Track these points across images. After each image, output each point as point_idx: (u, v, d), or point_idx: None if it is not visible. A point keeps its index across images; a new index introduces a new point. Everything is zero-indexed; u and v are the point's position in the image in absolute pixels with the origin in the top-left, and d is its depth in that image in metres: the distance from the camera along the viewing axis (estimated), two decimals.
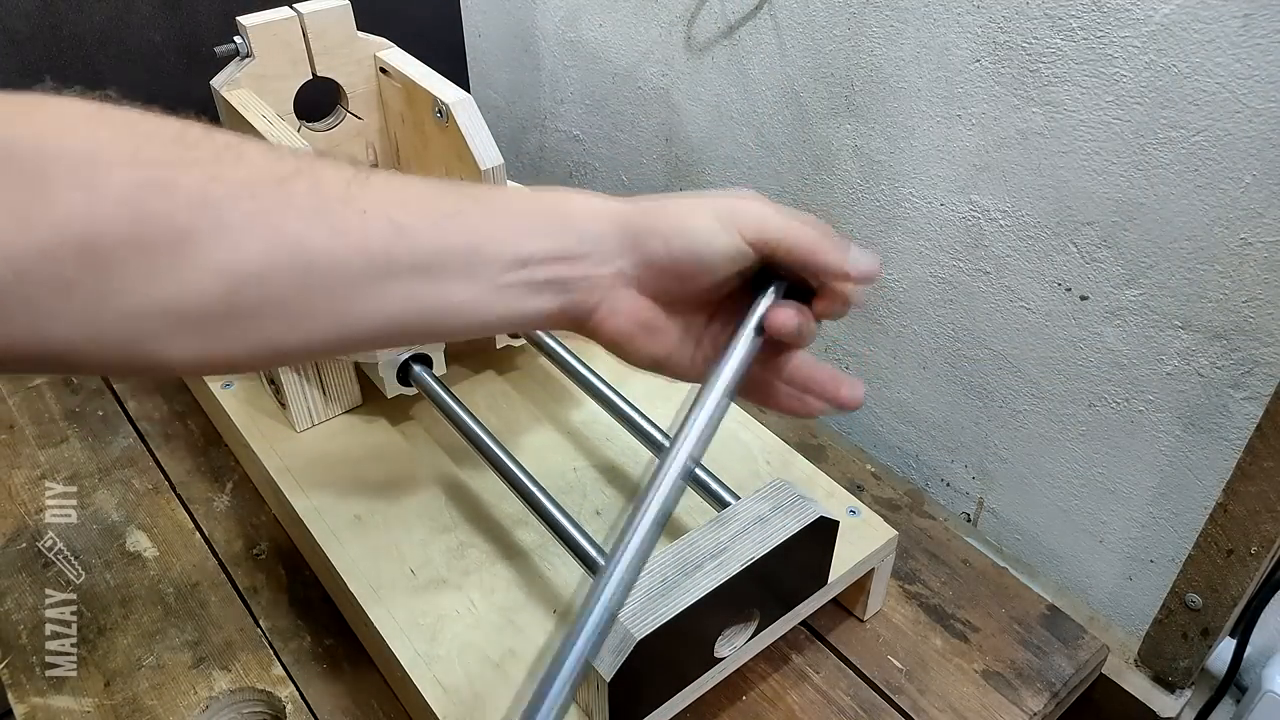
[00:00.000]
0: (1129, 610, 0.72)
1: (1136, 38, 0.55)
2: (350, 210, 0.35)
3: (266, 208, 0.34)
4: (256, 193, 0.34)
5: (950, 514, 0.83)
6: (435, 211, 0.38)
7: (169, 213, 0.32)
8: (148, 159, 0.32)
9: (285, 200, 0.34)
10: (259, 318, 0.34)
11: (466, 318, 0.38)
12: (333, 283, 0.35)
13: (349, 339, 0.37)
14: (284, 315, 0.35)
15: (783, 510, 0.52)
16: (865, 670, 0.61)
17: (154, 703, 0.59)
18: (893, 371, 0.81)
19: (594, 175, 1.05)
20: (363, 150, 0.82)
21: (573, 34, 0.97)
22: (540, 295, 0.39)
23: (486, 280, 0.38)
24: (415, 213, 0.37)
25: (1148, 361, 0.63)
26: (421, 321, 0.38)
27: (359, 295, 0.36)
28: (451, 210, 0.38)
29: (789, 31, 0.75)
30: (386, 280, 0.36)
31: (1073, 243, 0.63)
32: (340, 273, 0.35)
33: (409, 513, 0.64)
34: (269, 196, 0.34)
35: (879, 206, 0.75)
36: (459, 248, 0.37)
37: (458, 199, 0.39)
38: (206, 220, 0.32)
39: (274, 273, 0.34)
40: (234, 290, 0.33)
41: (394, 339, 0.38)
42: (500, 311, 0.39)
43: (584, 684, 0.49)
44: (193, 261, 0.32)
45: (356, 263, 0.35)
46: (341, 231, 0.35)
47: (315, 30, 0.74)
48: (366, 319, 0.36)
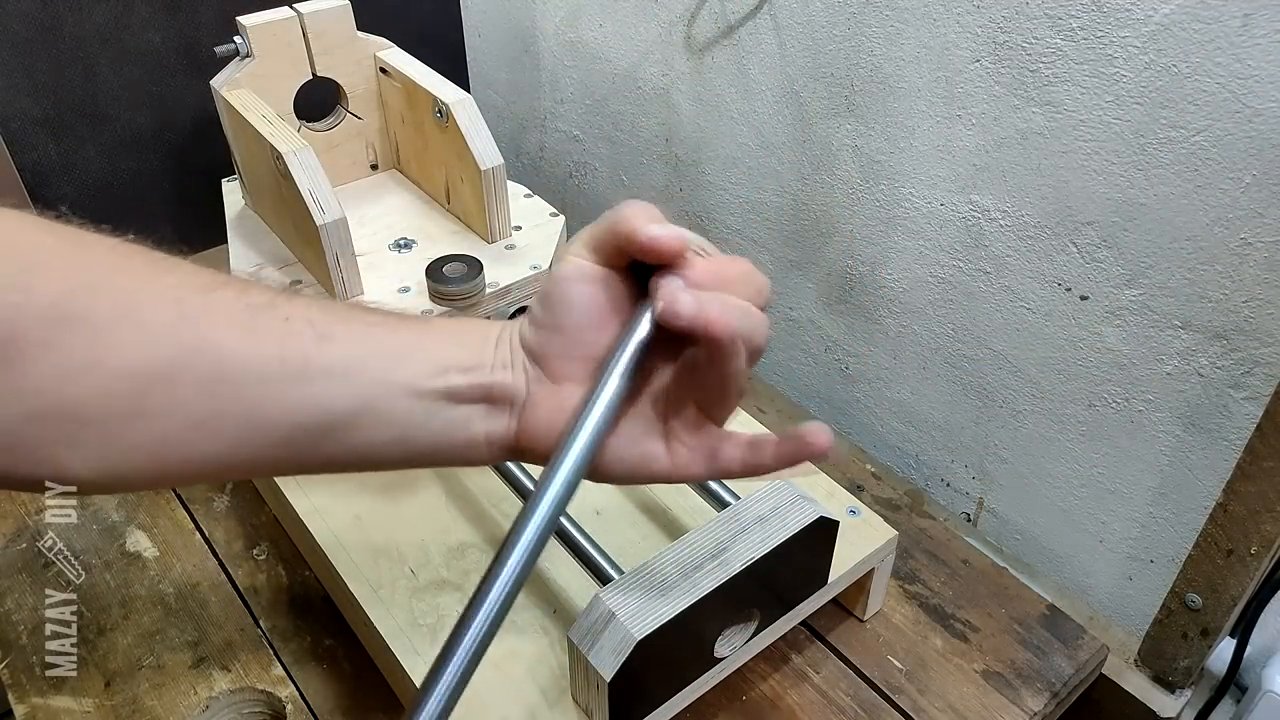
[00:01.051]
0: (1129, 610, 0.72)
1: (1136, 38, 0.55)
2: (272, 316, 0.36)
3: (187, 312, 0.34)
4: (181, 297, 0.34)
5: (950, 514, 0.83)
6: (358, 321, 0.38)
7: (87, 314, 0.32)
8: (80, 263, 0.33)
9: (208, 306, 0.35)
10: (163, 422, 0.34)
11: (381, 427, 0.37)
12: (242, 386, 0.35)
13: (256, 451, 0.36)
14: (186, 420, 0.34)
15: (783, 510, 0.52)
16: (865, 670, 0.61)
17: (154, 703, 0.59)
18: (893, 371, 0.81)
19: (594, 175, 1.05)
20: (363, 150, 0.82)
21: (573, 34, 0.97)
22: (458, 407, 0.38)
23: (404, 387, 0.37)
24: (339, 322, 0.37)
25: (1148, 361, 0.63)
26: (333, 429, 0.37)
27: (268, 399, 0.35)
28: (375, 321, 0.38)
29: (789, 31, 0.75)
30: (300, 384, 0.36)
31: (1073, 243, 0.63)
32: (252, 375, 0.35)
33: (409, 513, 0.64)
34: (192, 302, 0.35)
35: (879, 206, 0.75)
36: (381, 352, 0.37)
37: (383, 315, 0.39)
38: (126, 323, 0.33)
39: (183, 374, 0.34)
40: (142, 392, 0.33)
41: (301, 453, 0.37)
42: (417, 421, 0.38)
43: (584, 684, 0.50)
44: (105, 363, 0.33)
45: (272, 365, 0.35)
46: (260, 336, 0.35)
47: (315, 30, 0.74)
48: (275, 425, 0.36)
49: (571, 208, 1.10)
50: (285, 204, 0.69)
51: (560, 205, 1.05)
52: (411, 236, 0.75)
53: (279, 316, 0.36)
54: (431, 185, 0.79)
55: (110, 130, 0.90)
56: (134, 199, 0.95)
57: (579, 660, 0.48)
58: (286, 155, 0.63)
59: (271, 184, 0.69)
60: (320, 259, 0.66)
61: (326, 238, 0.64)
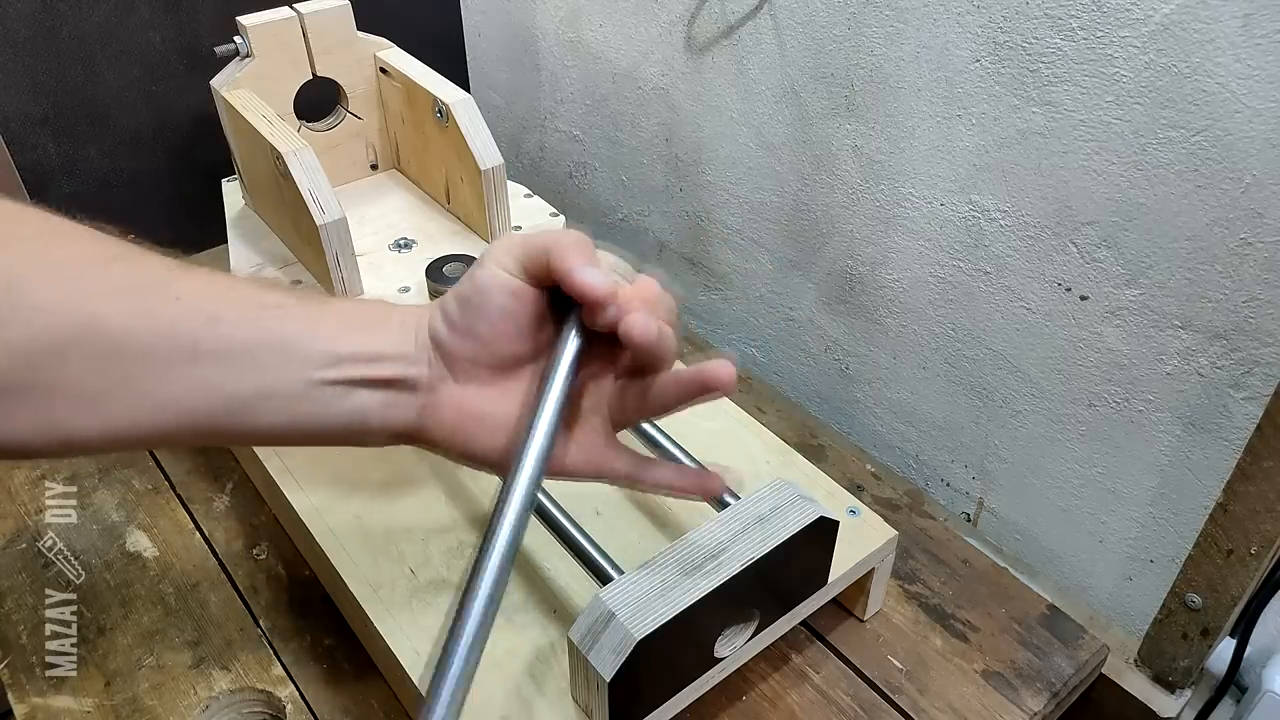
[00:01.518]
0: (1129, 610, 0.72)
1: (1136, 38, 0.55)
2: (163, 294, 0.35)
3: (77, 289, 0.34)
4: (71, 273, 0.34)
5: (950, 514, 0.83)
6: (252, 304, 0.37)
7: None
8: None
9: (98, 281, 0.35)
10: (52, 396, 0.34)
11: (277, 415, 0.37)
12: (132, 364, 0.35)
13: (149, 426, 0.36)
14: (79, 395, 0.34)
15: (783, 510, 0.52)
16: (865, 670, 0.61)
17: (154, 703, 0.59)
18: (893, 371, 0.81)
19: (594, 175, 1.05)
20: (363, 150, 0.82)
21: (573, 34, 0.97)
22: (356, 396, 0.38)
23: (298, 375, 0.37)
24: (231, 303, 0.37)
25: (1148, 361, 0.63)
26: (230, 414, 0.37)
27: (159, 379, 0.35)
28: (270, 304, 0.38)
29: (789, 31, 0.75)
30: (190, 366, 0.35)
31: (1073, 243, 0.63)
32: (142, 355, 0.35)
33: (409, 513, 0.64)
34: (83, 277, 0.34)
35: (879, 206, 0.75)
36: (271, 341, 0.37)
37: (280, 296, 0.39)
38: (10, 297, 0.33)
39: (73, 350, 0.34)
40: (29, 366, 0.33)
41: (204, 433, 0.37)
42: (312, 409, 0.38)
43: (584, 684, 0.50)
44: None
45: (161, 347, 0.35)
46: (149, 314, 0.35)
47: (315, 30, 0.74)
48: (167, 405, 0.36)
49: (571, 208, 1.10)
50: (285, 204, 0.69)
51: (560, 205, 1.05)
52: (411, 236, 0.75)
53: (170, 295, 0.36)
54: (431, 185, 0.79)
55: (110, 130, 0.90)
56: (134, 199, 0.95)
57: (579, 660, 0.48)
58: (286, 155, 0.63)
59: (271, 184, 0.69)
60: (320, 259, 0.66)
61: (326, 238, 0.64)
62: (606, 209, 1.05)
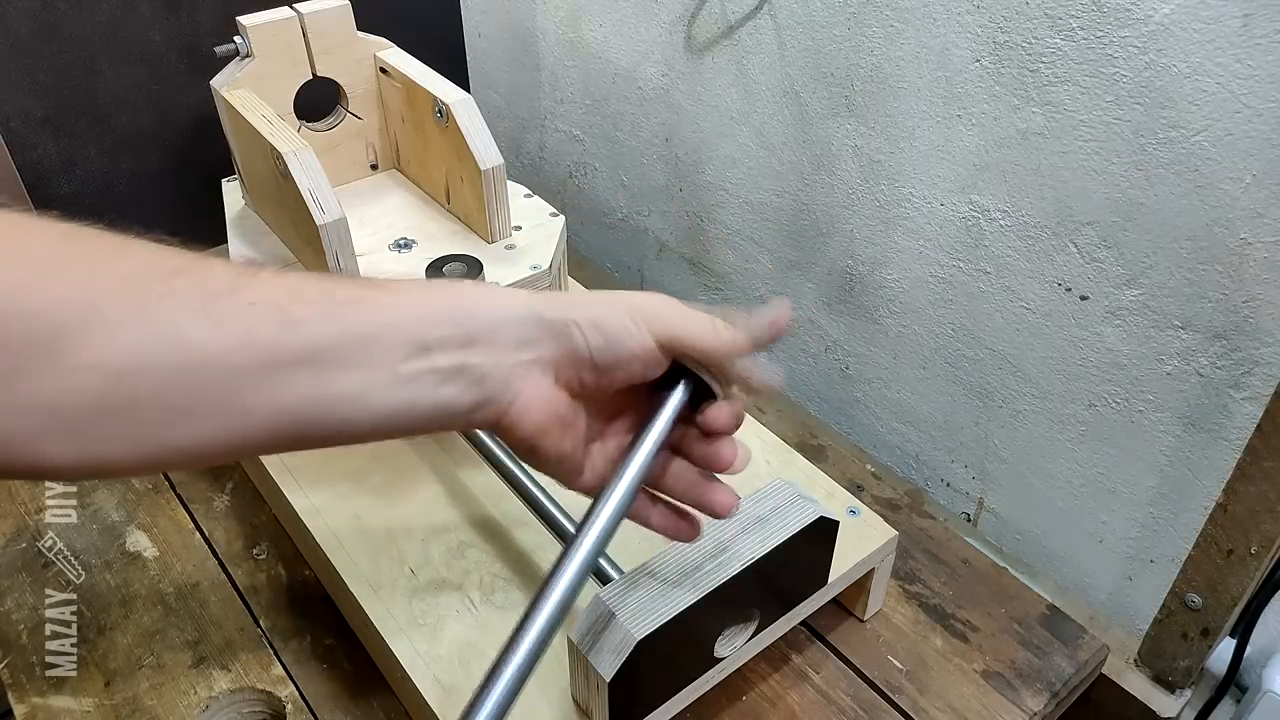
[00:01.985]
0: (1129, 610, 0.72)
1: (1136, 38, 0.55)
2: (235, 302, 0.34)
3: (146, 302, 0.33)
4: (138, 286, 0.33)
5: (950, 514, 0.83)
6: (329, 300, 0.36)
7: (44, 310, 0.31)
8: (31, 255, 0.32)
9: (166, 294, 0.33)
10: (137, 413, 0.33)
11: (368, 412, 0.37)
12: (214, 377, 0.34)
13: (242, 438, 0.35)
14: (163, 411, 0.33)
15: (783, 510, 0.52)
16: (865, 670, 0.61)
17: (154, 703, 0.59)
18: (893, 371, 0.81)
19: (594, 175, 1.05)
20: (363, 150, 0.82)
21: (573, 34, 0.97)
22: (448, 385, 0.38)
23: (386, 369, 0.36)
24: (307, 302, 0.36)
25: (1148, 361, 0.63)
26: (319, 416, 0.36)
27: (244, 390, 0.34)
28: (347, 299, 0.37)
29: (789, 31, 0.75)
30: (274, 372, 0.34)
31: (1073, 243, 0.63)
32: (222, 366, 0.34)
33: (409, 513, 0.64)
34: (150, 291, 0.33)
35: (879, 206, 0.75)
36: (354, 336, 0.36)
37: (354, 289, 0.37)
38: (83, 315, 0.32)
39: (150, 367, 0.33)
40: (111, 386, 0.32)
41: (294, 438, 0.36)
42: (405, 402, 0.37)
43: (584, 684, 0.50)
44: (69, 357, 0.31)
45: (240, 356, 0.34)
46: (223, 323, 0.34)
47: (315, 30, 0.74)
48: (256, 415, 0.35)
49: (571, 208, 1.10)
50: (285, 204, 0.69)
51: (560, 205, 1.05)
52: (411, 236, 0.75)
53: (243, 302, 0.35)
54: (431, 185, 0.79)
55: (110, 130, 0.90)
56: (134, 199, 0.95)
57: (579, 660, 0.48)
58: (286, 155, 0.63)
59: (271, 184, 0.69)
60: (320, 259, 0.66)
61: (326, 238, 0.64)
62: (606, 209, 1.05)
